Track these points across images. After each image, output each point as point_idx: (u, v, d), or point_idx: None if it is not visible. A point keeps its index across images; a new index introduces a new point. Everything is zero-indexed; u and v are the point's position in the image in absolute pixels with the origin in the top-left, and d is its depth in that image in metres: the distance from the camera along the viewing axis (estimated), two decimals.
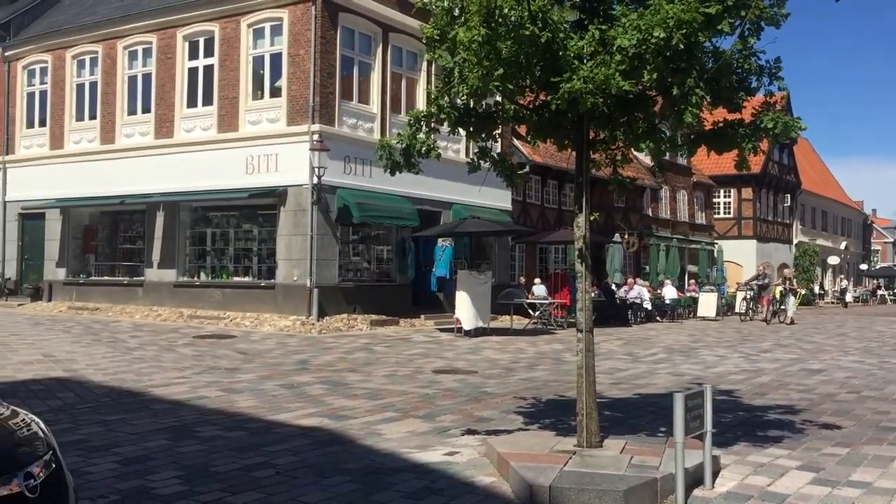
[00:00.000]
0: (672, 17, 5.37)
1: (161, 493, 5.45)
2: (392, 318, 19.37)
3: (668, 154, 7.26)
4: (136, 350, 13.40)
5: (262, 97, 20.05)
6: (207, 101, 20.70)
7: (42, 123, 24.07)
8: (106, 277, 22.70)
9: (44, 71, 24.03)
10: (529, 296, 21.70)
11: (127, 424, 7.63)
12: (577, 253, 6.76)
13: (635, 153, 8.95)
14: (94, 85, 22.95)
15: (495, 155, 7.14)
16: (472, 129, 6.79)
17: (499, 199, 23.70)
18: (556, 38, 5.76)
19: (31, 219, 24.04)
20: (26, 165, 24.12)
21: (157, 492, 5.49)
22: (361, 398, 9.34)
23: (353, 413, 8.40)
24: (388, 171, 6.68)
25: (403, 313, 20.06)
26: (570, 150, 6.87)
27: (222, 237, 21.02)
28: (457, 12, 6.30)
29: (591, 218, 6.90)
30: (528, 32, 5.66)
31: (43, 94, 24.07)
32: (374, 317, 19.03)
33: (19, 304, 22.43)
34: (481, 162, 7.04)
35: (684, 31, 5.38)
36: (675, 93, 5.76)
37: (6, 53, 24.48)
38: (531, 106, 6.58)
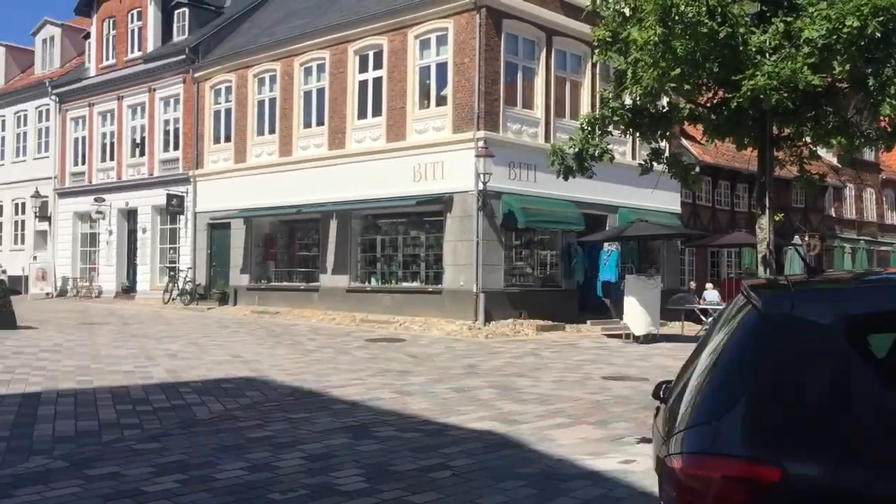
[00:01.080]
0: (867, 3, 5.02)
1: (345, 490, 5.68)
2: (558, 324, 19.23)
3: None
4: (314, 352, 14.05)
5: (428, 106, 20.54)
6: (377, 112, 21.44)
7: (227, 139, 25.79)
8: (284, 283, 23.97)
9: (228, 90, 25.75)
10: (701, 301, 20.91)
11: (310, 423, 8.00)
12: (760, 257, 6.43)
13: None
14: (273, 101, 24.34)
15: (668, 156, 6.95)
16: (645, 130, 6.65)
17: (667, 201, 23.02)
18: (737, 33, 5.54)
19: (218, 228, 25.80)
20: (214, 179, 25.91)
21: (341, 488, 5.72)
22: (531, 403, 9.33)
23: (524, 418, 8.40)
24: (561, 176, 6.66)
25: (569, 318, 19.88)
26: (750, 148, 6.57)
27: (391, 244, 21.68)
28: (628, 13, 6.19)
29: (775, 219, 6.56)
30: (705, 29, 5.47)
31: (228, 111, 25.78)
32: (540, 322, 18.98)
33: (208, 308, 24.09)
34: (653, 164, 6.87)
35: (881, 18, 5.02)
36: (870, 84, 5.38)
37: (195, 75, 26.42)
38: (709, 104, 6.35)
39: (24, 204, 33.12)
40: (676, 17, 5.50)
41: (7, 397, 9.08)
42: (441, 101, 20.19)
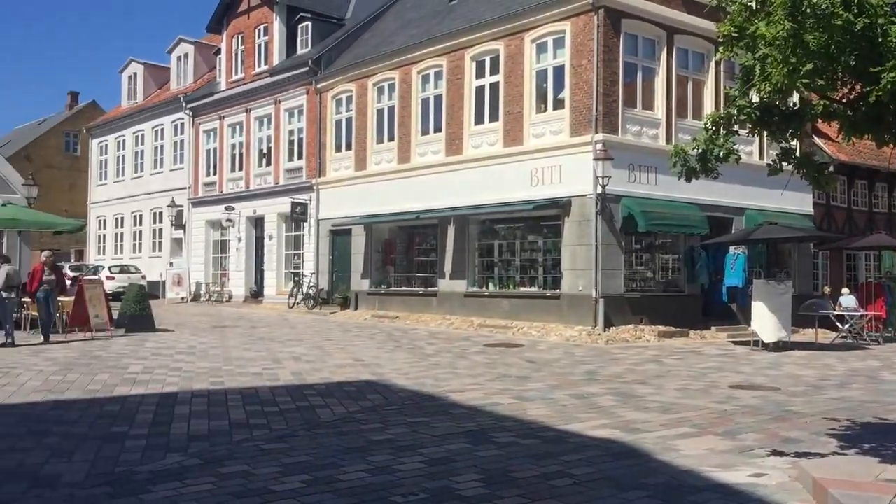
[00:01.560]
0: None
1: (465, 495, 5.68)
2: (681, 330, 18.68)
3: None
4: (433, 357, 14.18)
5: (545, 110, 20.41)
6: (493, 117, 21.49)
7: (348, 147, 26.45)
8: (403, 288, 24.34)
9: (349, 99, 26.42)
10: (836, 307, 19.83)
11: (429, 427, 8.07)
12: None
13: None
14: (391, 109, 24.80)
15: (799, 155, 6.61)
16: (774, 129, 6.35)
17: (798, 202, 22.01)
18: (875, 24, 5.22)
19: (340, 234, 26.48)
20: (335, 186, 26.62)
21: (461, 493, 5.73)
22: (654, 411, 9.09)
23: (647, 426, 8.19)
24: (684, 178, 6.44)
25: (693, 325, 19.27)
26: (891, 146, 6.17)
27: (508, 248, 21.64)
28: (755, 6, 5.93)
29: None
30: (840, 21, 5.18)
31: (348, 120, 26.45)
32: (661, 328, 18.49)
33: (331, 312, 24.74)
34: (783, 164, 6.55)
35: None
36: None
37: (318, 86, 27.24)
38: (845, 100, 6.00)
39: (161, 213, 35.08)
40: (808, 10, 5.24)
41: (147, 397, 9.61)
42: (558, 104, 20.02)
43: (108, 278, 29.03)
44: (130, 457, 6.69)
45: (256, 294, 29.91)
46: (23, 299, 16.92)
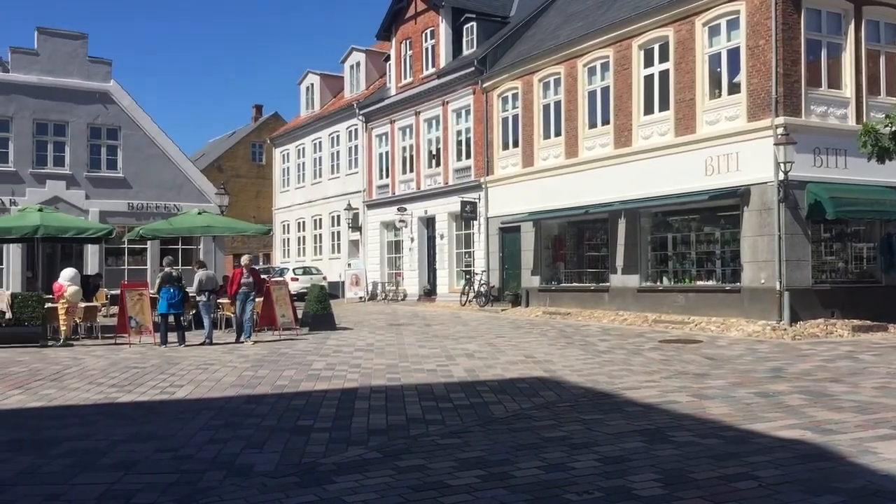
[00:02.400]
0: None
1: (641, 495, 5.53)
2: (879, 324, 17.28)
3: None
4: (606, 353, 13.93)
5: (719, 95, 19.53)
6: (663, 106, 20.82)
7: (515, 144, 26.52)
8: (574, 284, 24.09)
9: (515, 97, 26.47)
10: None
11: (604, 424, 7.93)
12: None
13: None
14: (557, 104, 24.61)
15: None
16: None
17: None
18: None
19: (509, 232, 26.60)
20: (503, 184, 26.76)
21: (637, 493, 5.59)
22: (848, 411, 8.46)
23: (840, 427, 7.63)
24: (875, 159, 5.95)
25: (893, 318, 17.78)
26: None
27: (683, 241, 20.89)
28: None
29: None
30: None
31: (515, 117, 26.51)
32: (856, 322, 17.20)
33: (502, 310, 24.90)
34: None
35: None
36: None
37: (484, 85, 27.50)
38: None
39: (338, 216, 36.71)
40: None
41: (329, 392, 10.07)
42: (734, 88, 19.09)
43: (292, 280, 30.70)
44: (315, 449, 7.03)
45: (429, 292, 30.62)
46: (218, 300, 18.20)
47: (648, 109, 21.37)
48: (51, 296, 17.13)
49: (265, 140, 50.05)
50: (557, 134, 24.58)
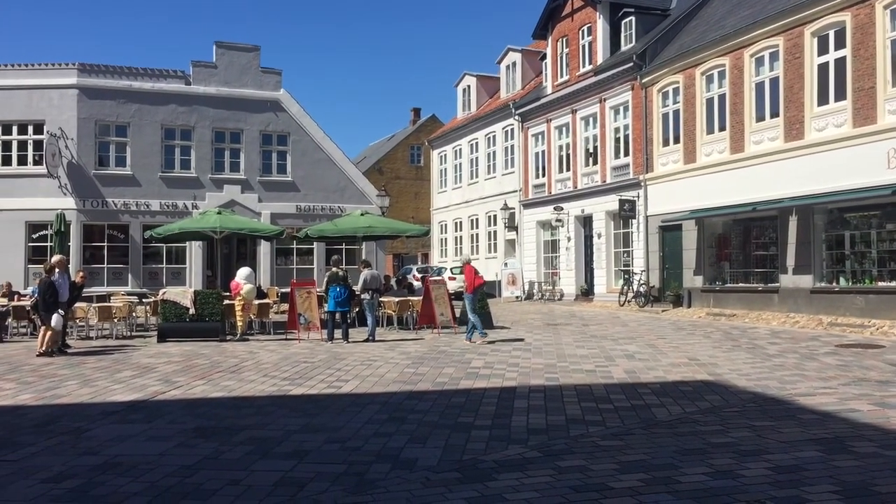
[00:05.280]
0: None
1: None
2: None
3: None
4: (776, 357, 13.26)
5: None
6: (840, 96, 19.57)
7: (675, 141, 25.72)
8: (740, 284, 23.07)
9: (675, 91, 25.68)
10: None
11: (775, 432, 7.56)
12: None
13: None
14: (721, 97, 23.66)
15: None
16: None
17: None
18: None
19: (670, 230, 25.84)
20: (663, 181, 26.03)
21: None
22: None
23: None
24: None
25: None
26: None
27: (862, 239, 19.54)
28: None
29: None
30: None
31: (675, 113, 25.72)
32: None
33: (662, 311, 24.23)
34: None
35: None
36: None
37: (643, 81, 26.85)
38: None
39: (495, 216, 36.98)
40: None
41: (488, 390, 10.17)
42: None
43: (450, 279, 31.20)
44: (476, 446, 7.13)
45: (587, 292, 30.26)
46: (380, 299, 18.79)
47: (822, 100, 20.14)
48: (228, 293, 18.32)
49: (423, 142, 51.24)
50: (722, 128, 23.63)
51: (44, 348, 14.18)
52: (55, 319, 14.23)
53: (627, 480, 5.91)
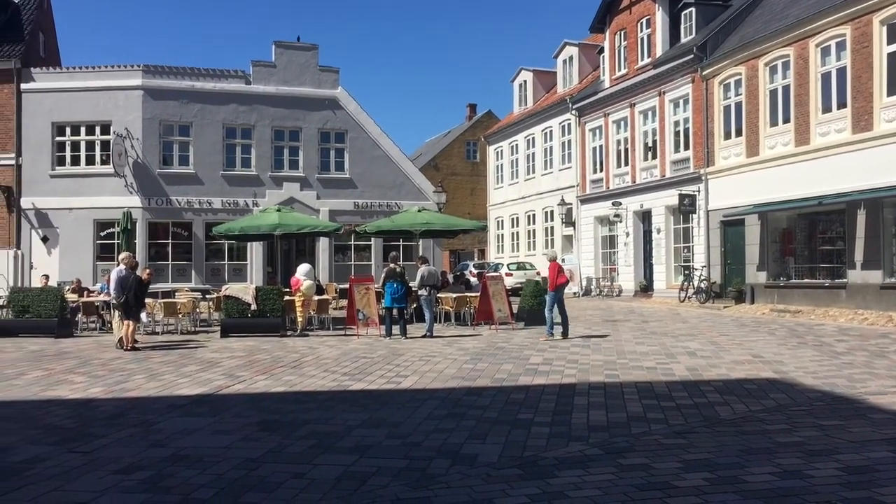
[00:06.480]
0: None
1: None
2: None
3: None
4: (844, 355, 12.90)
5: None
6: None
7: (738, 133, 25.20)
8: (805, 280, 22.49)
9: (738, 83, 25.15)
10: None
11: (844, 431, 7.36)
12: None
13: None
14: (786, 89, 23.09)
15: None
16: None
17: None
18: None
19: (732, 225, 25.33)
20: (725, 175, 25.52)
21: None
22: None
23: None
24: None
25: None
26: None
27: None
28: None
29: None
30: None
31: (738, 105, 25.19)
32: None
33: (724, 307, 23.77)
34: None
35: None
36: None
37: (703, 73, 26.37)
38: None
39: (552, 212, 36.75)
40: None
41: (547, 387, 10.13)
42: None
43: (506, 275, 31.13)
44: (536, 443, 7.11)
45: (646, 288, 29.88)
46: (438, 295, 18.84)
47: (893, 90, 19.49)
48: (288, 289, 18.59)
49: (479, 138, 51.19)
50: (786, 120, 23.06)
51: (131, 343, 14.62)
52: (143, 315, 14.79)
53: (692, 479, 5.83)
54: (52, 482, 5.98)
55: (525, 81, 41.63)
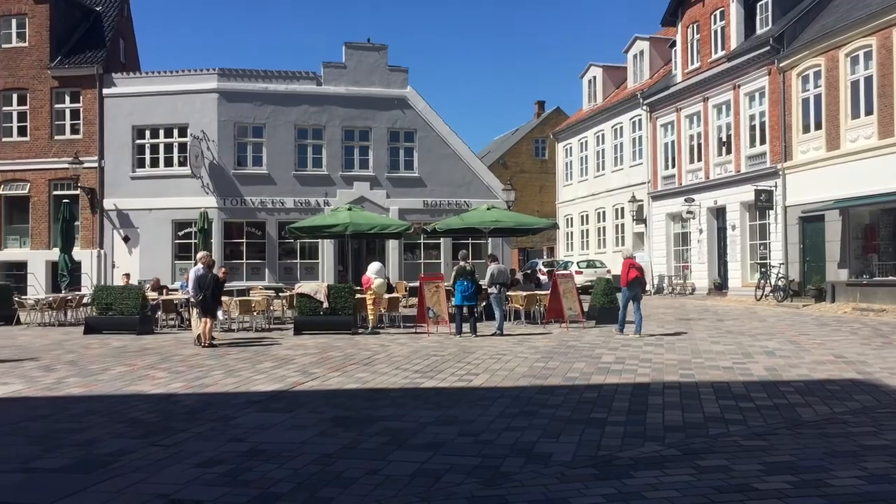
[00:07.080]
0: None
1: None
2: None
3: None
4: None
5: None
6: None
7: (817, 127, 24.43)
8: (890, 278, 21.69)
9: (817, 75, 24.38)
10: None
11: None
12: None
13: None
14: (868, 80, 22.28)
15: None
16: None
17: None
18: None
19: (810, 221, 24.58)
20: (803, 170, 24.78)
21: None
22: None
23: None
24: None
25: None
26: None
27: None
28: None
29: None
30: None
31: (817, 97, 24.42)
32: None
33: (804, 305, 23.09)
34: None
35: None
36: None
37: (780, 65, 25.64)
38: None
39: (622, 208, 36.27)
40: None
41: (620, 386, 10.00)
42: None
43: (576, 273, 30.84)
44: (611, 442, 7.02)
45: (720, 286, 29.22)
46: (507, 293, 18.80)
47: None
48: (360, 287, 18.79)
49: (548, 135, 50.84)
50: (868, 112, 22.26)
51: (209, 340, 15.02)
52: (220, 312, 15.26)
53: (774, 482, 5.67)
54: (136, 474, 6.17)
55: (594, 77, 41.17)
